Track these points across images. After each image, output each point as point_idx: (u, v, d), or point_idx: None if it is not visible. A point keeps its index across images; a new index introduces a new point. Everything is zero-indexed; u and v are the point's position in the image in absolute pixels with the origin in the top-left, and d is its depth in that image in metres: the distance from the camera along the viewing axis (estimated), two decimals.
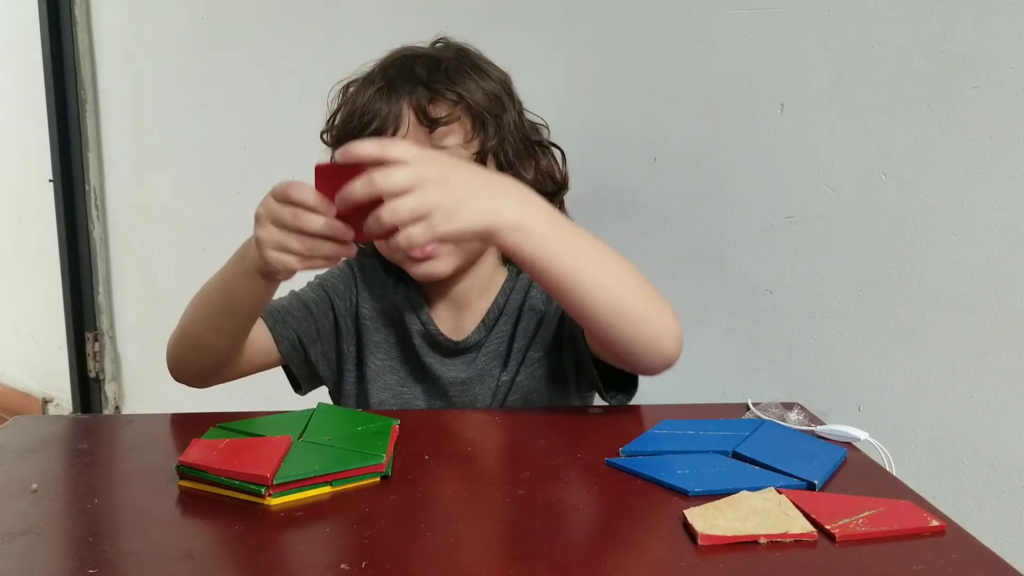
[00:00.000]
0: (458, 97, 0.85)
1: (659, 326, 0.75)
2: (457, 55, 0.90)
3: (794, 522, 0.56)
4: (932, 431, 0.94)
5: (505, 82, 0.91)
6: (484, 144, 0.86)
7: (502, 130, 0.87)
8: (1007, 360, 0.89)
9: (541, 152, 0.93)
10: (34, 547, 0.56)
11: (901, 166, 0.94)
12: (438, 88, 0.84)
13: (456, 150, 0.84)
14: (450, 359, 0.92)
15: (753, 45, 1.03)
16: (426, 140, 0.83)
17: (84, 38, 2.11)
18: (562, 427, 0.78)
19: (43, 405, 2.44)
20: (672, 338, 0.75)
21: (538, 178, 0.91)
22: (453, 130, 0.85)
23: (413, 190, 0.63)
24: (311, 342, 0.92)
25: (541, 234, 0.69)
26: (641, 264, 0.76)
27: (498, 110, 0.87)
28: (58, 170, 2.15)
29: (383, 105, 0.84)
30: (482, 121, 0.86)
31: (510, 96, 0.91)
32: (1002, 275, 0.88)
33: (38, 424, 0.83)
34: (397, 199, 0.62)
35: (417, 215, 0.63)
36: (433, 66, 0.86)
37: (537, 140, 0.93)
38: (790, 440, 0.74)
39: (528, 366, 0.91)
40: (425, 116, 0.83)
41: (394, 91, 0.84)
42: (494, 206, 0.67)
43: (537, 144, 0.93)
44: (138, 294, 2.15)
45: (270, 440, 0.68)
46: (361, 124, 0.84)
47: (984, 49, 0.87)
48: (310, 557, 0.54)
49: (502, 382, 0.91)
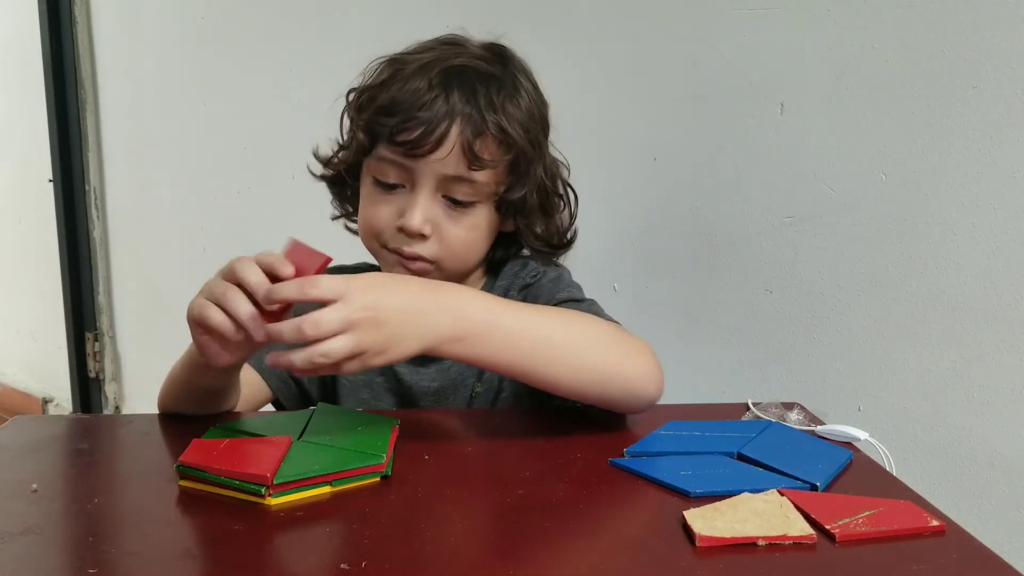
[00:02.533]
0: (506, 140, 0.81)
1: (632, 376, 0.74)
2: (514, 78, 0.86)
3: (794, 524, 0.56)
4: (932, 431, 0.94)
5: (545, 118, 0.88)
6: (508, 192, 0.84)
7: (530, 182, 0.85)
8: (1007, 360, 0.89)
9: (558, 204, 0.91)
10: (34, 547, 0.56)
11: (901, 166, 0.94)
12: (490, 125, 0.80)
13: (480, 188, 0.82)
14: (424, 367, 0.90)
15: (753, 45, 1.03)
16: (457, 168, 0.81)
17: (84, 38, 2.11)
18: (564, 427, 0.78)
19: (43, 405, 2.44)
20: (649, 381, 0.75)
21: (546, 232, 0.89)
22: (490, 172, 0.82)
23: (343, 332, 0.62)
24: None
25: (481, 336, 0.68)
26: (641, 264, 0.76)
27: (534, 158, 0.85)
28: (58, 170, 2.15)
29: (435, 113, 0.79)
30: (516, 169, 0.84)
31: (545, 134, 0.88)
32: (1002, 275, 0.88)
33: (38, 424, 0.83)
34: (327, 342, 0.62)
35: (349, 356, 0.63)
36: (493, 91, 0.82)
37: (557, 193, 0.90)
38: (795, 442, 0.74)
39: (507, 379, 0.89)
40: (470, 150, 0.80)
41: (448, 104, 0.80)
42: (427, 329, 0.66)
43: (557, 196, 0.90)
44: (138, 294, 2.15)
45: (270, 440, 0.68)
46: (402, 123, 0.80)
47: (984, 49, 0.87)
48: (310, 557, 0.54)
49: (476, 393, 0.90)
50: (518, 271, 0.94)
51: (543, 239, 0.90)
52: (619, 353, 0.74)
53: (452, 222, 0.83)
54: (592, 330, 0.75)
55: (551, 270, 0.94)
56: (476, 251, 0.87)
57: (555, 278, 0.92)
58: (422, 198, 0.82)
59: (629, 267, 1.16)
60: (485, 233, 0.86)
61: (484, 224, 0.85)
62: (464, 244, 0.85)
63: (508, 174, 0.84)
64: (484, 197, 0.83)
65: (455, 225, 0.83)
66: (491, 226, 0.87)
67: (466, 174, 0.81)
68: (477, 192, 0.82)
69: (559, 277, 0.93)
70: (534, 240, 0.89)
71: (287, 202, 1.02)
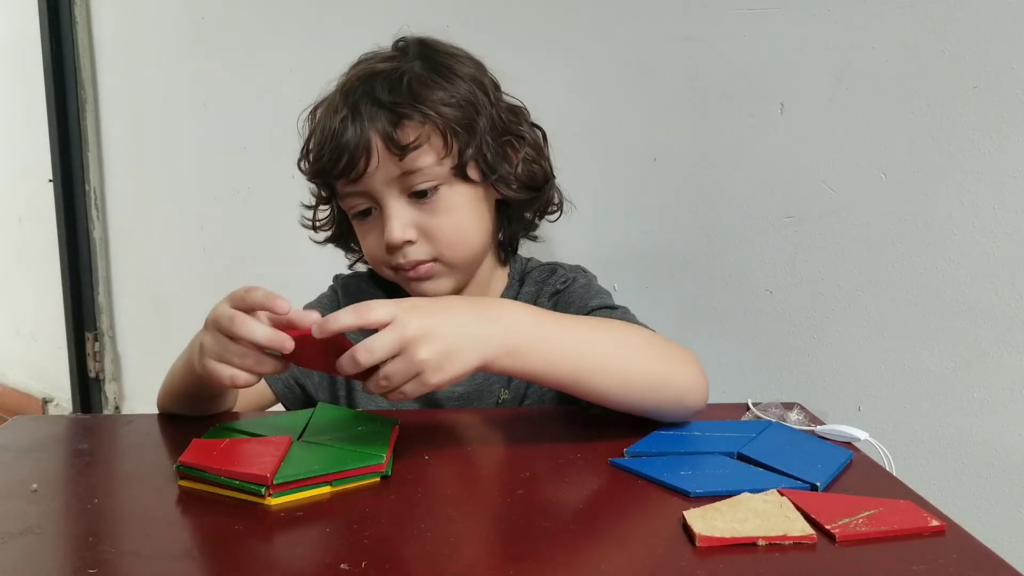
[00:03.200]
0: (424, 117, 0.81)
1: (678, 385, 0.74)
2: (421, 58, 0.86)
3: (794, 524, 0.56)
4: (932, 431, 0.94)
5: (476, 77, 0.88)
6: (460, 157, 0.84)
7: (477, 136, 0.84)
8: (1007, 360, 0.89)
9: (522, 143, 0.90)
10: (34, 547, 0.56)
11: (901, 166, 0.94)
12: (402, 111, 0.81)
13: (430, 170, 0.82)
14: None
15: (753, 45, 1.03)
16: (398, 166, 0.82)
17: (84, 38, 2.11)
18: (564, 427, 0.78)
19: (43, 405, 2.44)
20: (696, 389, 0.75)
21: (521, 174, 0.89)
22: (424, 152, 0.82)
23: (400, 354, 0.62)
24: (307, 375, 0.91)
25: (534, 348, 0.68)
26: (641, 264, 0.76)
27: (470, 117, 0.84)
28: (58, 170, 2.15)
29: (350, 135, 0.81)
30: (454, 135, 0.83)
31: (484, 91, 0.87)
32: (1002, 275, 0.88)
33: (38, 424, 0.83)
34: (386, 366, 0.62)
35: (408, 376, 0.63)
36: (395, 83, 0.83)
37: (517, 133, 0.90)
38: (795, 442, 0.74)
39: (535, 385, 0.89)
40: (393, 143, 0.81)
41: (359, 118, 0.82)
42: (482, 342, 0.66)
43: (517, 137, 0.90)
44: (138, 294, 2.15)
45: (270, 440, 0.68)
46: (332, 158, 0.82)
47: (984, 49, 0.87)
48: (310, 557, 0.54)
49: (503, 400, 0.90)
50: (546, 278, 0.94)
51: (522, 184, 0.89)
52: (667, 363, 0.74)
53: (430, 215, 0.84)
54: (638, 340, 0.75)
55: (580, 276, 0.94)
56: (469, 232, 0.87)
57: (585, 284, 0.92)
58: (390, 210, 0.83)
59: (629, 267, 1.16)
60: (468, 211, 0.86)
61: (461, 201, 0.85)
62: (451, 229, 0.85)
63: (447, 143, 0.83)
64: (441, 177, 0.84)
65: (433, 216, 0.84)
66: (471, 201, 0.86)
67: (406, 166, 0.82)
68: (431, 175, 0.83)
69: (589, 283, 0.93)
70: (512, 190, 0.89)
71: (287, 202, 1.02)
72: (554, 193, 0.95)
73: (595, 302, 0.89)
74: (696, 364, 0.76)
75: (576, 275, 0.94)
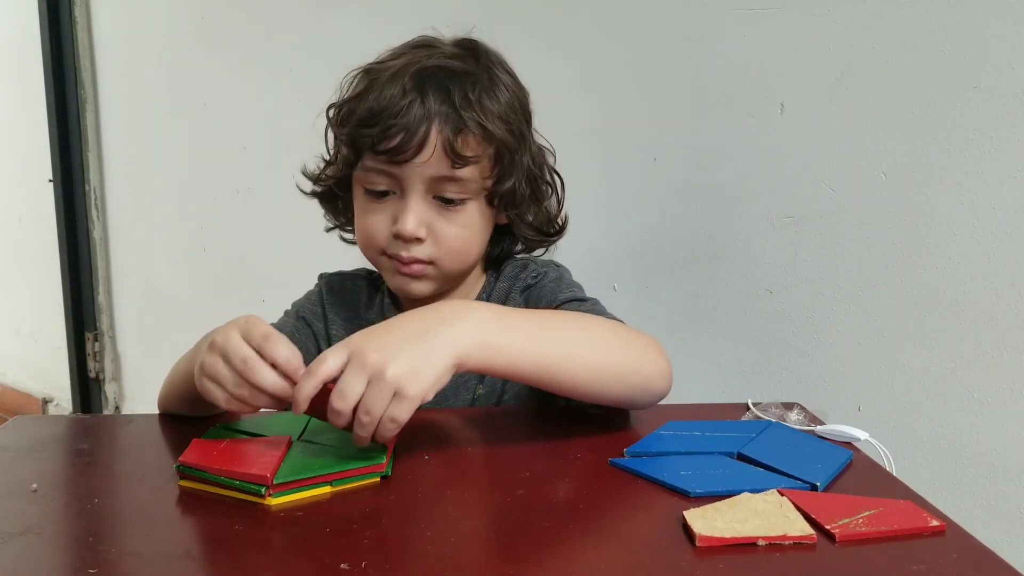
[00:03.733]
0: (486, 135, 0.82)
1: (645, 374, 0.75)
2: (488, 71, 0.86)
3: (793, 524, 0.56)
4: (932, 431, 0.94)
5: (526, 107, 0.89)
6: (496, 184, 0.84)
7: (518, 172, 0.85)
8: (1007, 360, 0.89)
9: (547, 191, 0.91)
10: (34, 547, 0.56)
11: (901, 166, 0.94)
12: (468, 121, 0.81)
13: (468, 185, 0.83)
14: None
15: (753, 45, 1.03)
16: (444, 170, 0.81)
17: (84, 38, 2.11)
18: (564, 427, 0.78)
19: (43, 405, 2.44)
20: (660, 377, 0.76)
21: (538, 219, 0.90)
22: (473, 168, 0.82)
23: (370, 383, 0.62)
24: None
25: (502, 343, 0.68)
26: (641, 264, 0.76)
27: (518, 148, 0.85)
28: (58, 170, 2.15)
29: (413, 119, 0.80)
30: (501, 161, 0.84)
31: (528, 123, 0.89)
32: (1002, 275, 0.88)
33: (38, 424, 0.83)
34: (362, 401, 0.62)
35: (386, 400, 0.62)
36: (469, 89, 0.82)
37: (545, 180, 0.91)
38: (796, 442, 0.74)
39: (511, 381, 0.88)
40: (452, 149, 0.80)
41: (424, 108, 0.80)
42: (447, 343, 0.65)
43: (545, 183, 0.91)
44: (138, 294, 2.15)
45: (270, 440, 0.68)
46: (385, 132, 0.81)
47: (984, 49, 0.87)
48: (310, 557, 0.54)
49: (478, 395, 0.90)
50: (518, 272, 0.94)
51: (536, 227, 0.91)
52: (632, 352, 0.75)
53: (446, 222, 0.84)
54: (603, 331, 0.75)
55: (552, 271, 0.94)
56: (473, 248, 0.88)
57: (556, 278, 0.92)
58: (413, 202, 0.83)
59: (629, 267, 1.16)
60: (479, 229, 0.87)
61: (478, 220, 0.86)
62: (460, 242, 0.85)
63: (494, 167, 0.84)
64: (473, 193, 0.84)
65: (449, 224, 0.84)
66: (485, 221, 0.87)
67: (451, 173, 0.82)
68: (466, 189, 0.83)
69: (560, 277, 0.93)
70: (527, 230, 0.90)
71: (287, 202, 1.02)
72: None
73: (565, 295, 0.89)
74: (661, 351, 0.77)
75: (547, 270, 0.94)
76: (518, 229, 0.90)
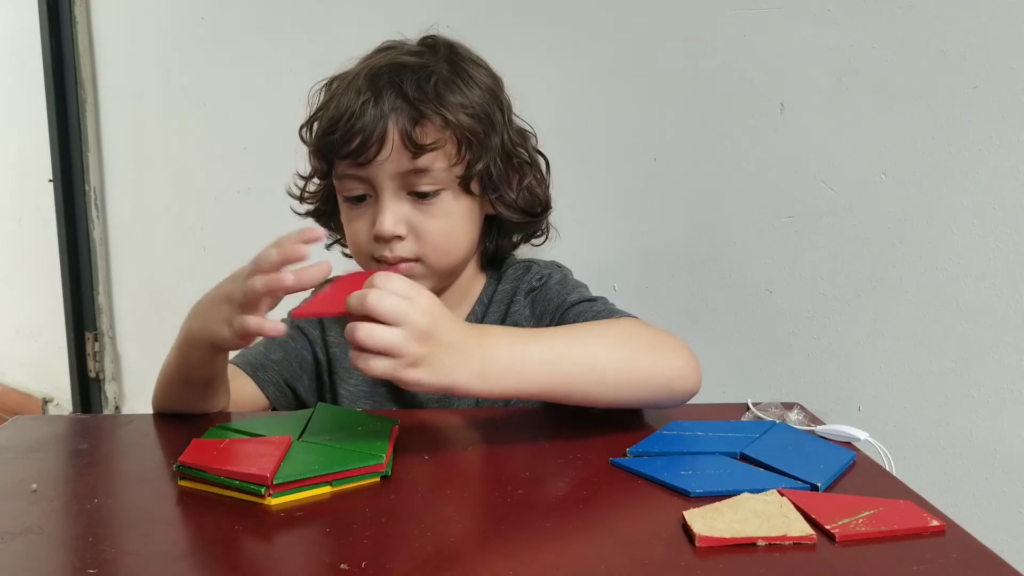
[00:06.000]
0: (445, 122, 0.83)
1: (665, 376, 0.75)
2: (449, 61, 0.87)
3: (793, 524, 0.56)
4: (932, 431, 0.94)
5: (495, 92, 0.89)
6: (468, 169, 0.85)
7: (488, 153, 0.86)
8: (1007, 360, 0.89)
9: (526, 169, 0.91)
10: (34, 547, 0.56)
11: (901, 166, 0.94)
12: (426, 111, 0.82)
13: (437, 174, 0.83)
14: None
15: (753, 45, 1.03)
16: (408, 163, 0.82)
17: (84, 38, 2.11)
18: (565, 427, 0.78)
19: (43, 405, 2.44)
20: (684, 374, 0.75)
21: (521, 198, 0.90)
22: (437, 155, 0.83)
23: (397, 325, 0.62)
24: (296, 379, 0.91)
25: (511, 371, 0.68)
26: (641, 264, 0.76)
27: (486, 132, 0.86)
28: (58, 170, 2.15)
29: (369, 120, 0.82)
30: (468, 145, 0.84)
31: (500, 108, 0.89)
32: (1002, 275, 0.88)
33: (38, 424, 0.83)
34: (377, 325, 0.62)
35: (388, 350, 0.62)
36: (423, 80, 0.83)
37: (523, 159, 0.91)
38: (798, 442, 0.74)
39: None
40: (410, 140, 0.81)
41: (380, 106, 0.82)
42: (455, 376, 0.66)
43: (523, 162, 0.91)
44: (138, 294, 2.15)
45: (270, 440, 0.68)
46: (344, 136, 0.82)
47: (984, 49, 0.87)
48: (310, 557, 0.54)
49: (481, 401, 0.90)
50: (522, 275, 0.94)
51: (521, 209, 0.90)
52: (649, 355, 0.75)
53: (423, 215, 0.85)
54: (618, 339, 0.75)
55: (556, 272, 0.94)
56: (458, 240, 0.88)
57: (561, 280, 0.93)
58: (387, 201, 0.84)
59: (629, 267, 1.16)
60: (460, 219, 0.87)
61: (457, 210, 0.86)
62: (442, 234, 0.85)
63: (461, 153, 0.84)
64: (445, 182, 0.84)
65: (428, 218, 0.85)
66: (465, 211, 0.87)
67: (415, 165, 0.82)
68: (436, 179, 0.84)
69: (565, 278, 0.93)
70: (513, 212, 0.90)
71: (287, 202, 1.02)
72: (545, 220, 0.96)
73: (573, 296, 0.90)
74: (682, 348, 0.76)
75: (551, 271, 0.94)
76: (500, 211, 0.90)
